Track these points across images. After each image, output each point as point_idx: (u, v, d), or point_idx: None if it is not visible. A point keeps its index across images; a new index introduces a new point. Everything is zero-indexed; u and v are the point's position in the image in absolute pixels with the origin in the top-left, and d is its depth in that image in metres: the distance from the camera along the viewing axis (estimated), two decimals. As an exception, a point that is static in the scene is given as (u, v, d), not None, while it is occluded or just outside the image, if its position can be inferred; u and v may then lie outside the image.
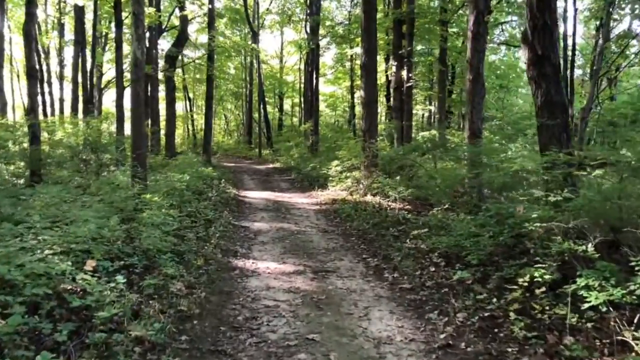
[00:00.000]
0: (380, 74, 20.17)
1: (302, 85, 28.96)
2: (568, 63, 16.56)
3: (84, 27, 20.21)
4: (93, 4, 18.72)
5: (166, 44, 25.06)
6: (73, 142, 12.37)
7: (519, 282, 4.35)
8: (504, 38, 23.27)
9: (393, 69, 16.02)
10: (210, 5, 19.09)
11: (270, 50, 38.40)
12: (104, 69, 24.44)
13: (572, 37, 17.30)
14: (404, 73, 15.29)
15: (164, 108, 21.07)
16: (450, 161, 10.72)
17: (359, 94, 24.77)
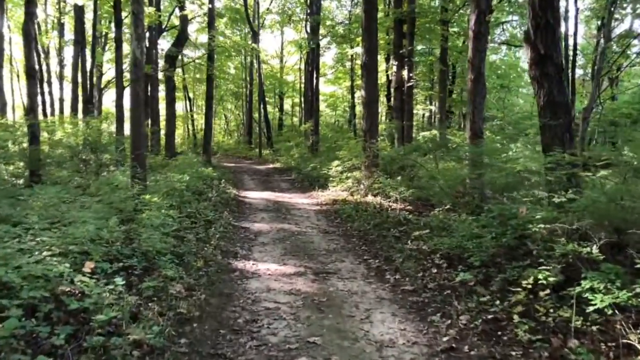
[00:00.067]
0: (381, 74, 20.11)
1: (303, 85, 28.93)
2: (569, 63, 16.51)
3: (83, 27, 20.17)
4: (93, 3, 18.68)
5: (166, 44, 25.07)
6: (73, 142, 12.32)
7: (523, 284, 4.31)
8: (504, 38, 23.27)
9: (394, 69, 15.98)
10: (210, 5, 19.05)
11: (270, 50, 38.49)
12: (104, 68, 24.39)
13: (573, 36, 17.26)
14: (405, 73, 15.25)
15: (164, 108, 21.03)
16: (451, 161, 10.66)
17: (359, 94, 24.76)
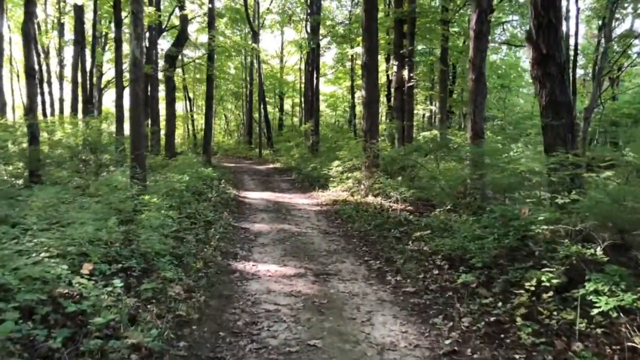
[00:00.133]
0: (381, 74, 20.07)
1: (303, 85, 28.88)
2: (570, 63, 16.46)
3: (83, 27, 20.11)
4: (93, 3, 18.65)
5: (166, 44, 25.02)
6: (72, 142, 12.27)
7: (525, 286, 4.26)
8: (505, 38, 23.22)
9: (394, 69, 15.93)
10: (210, 5, 19.00)
11: (270, 50, 38.41)
12: (104, 68, 24.35)
13: (574, 36, 17.21)
14: (405, 73, 15.20)
15: (164, 108, 20.99)
16: (452, 161, 10.62)
17: (359, 94, 24.72)
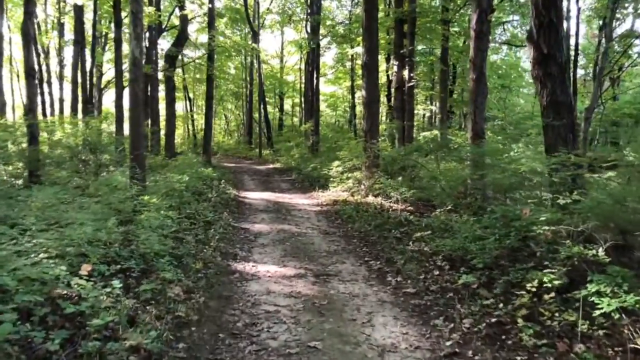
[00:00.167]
0: (382, 74, 20.05)
1: (303, 85, 28.85)
2: (571, 63, 16.44)
3: (83, 27, 20.10)
4: (93, 3, 18.63)
5: (166, 44, 25.00)
6: (72, 142, 12.23)
7: (527, 287, 4.23)
8: (505, 38, 23.19)
9: (394, 69, 15.90)
10: (210, 5, 18.98)
11: (270, 50, 38.42)
12: (104, 68, 24.33)
13: (575, 36, 17.19)
14: (406, 73, 15.16)
15: (163, 108, 20.97)
16: (452, 162, 10.59)
17: (359, 94, 24.68)
